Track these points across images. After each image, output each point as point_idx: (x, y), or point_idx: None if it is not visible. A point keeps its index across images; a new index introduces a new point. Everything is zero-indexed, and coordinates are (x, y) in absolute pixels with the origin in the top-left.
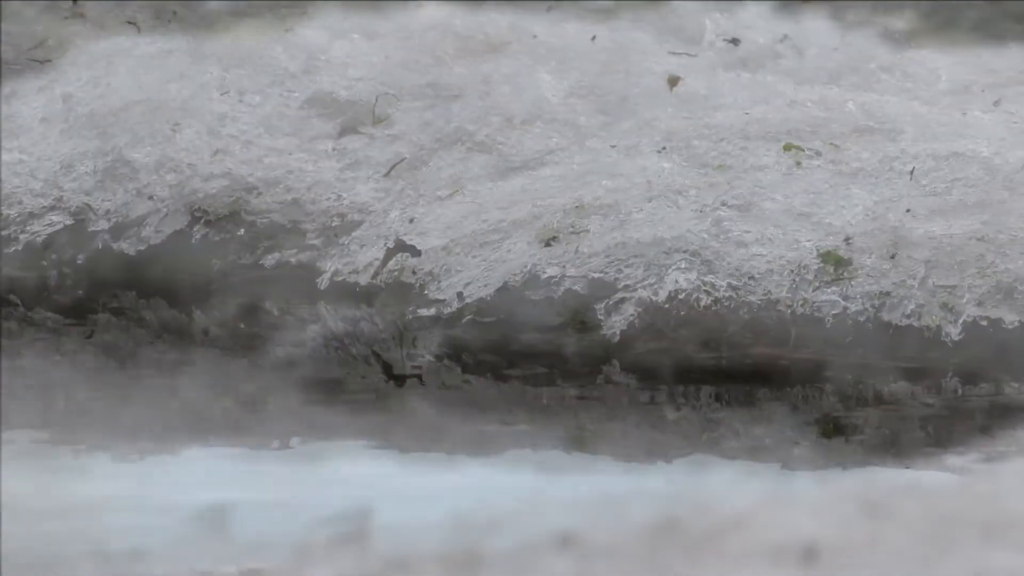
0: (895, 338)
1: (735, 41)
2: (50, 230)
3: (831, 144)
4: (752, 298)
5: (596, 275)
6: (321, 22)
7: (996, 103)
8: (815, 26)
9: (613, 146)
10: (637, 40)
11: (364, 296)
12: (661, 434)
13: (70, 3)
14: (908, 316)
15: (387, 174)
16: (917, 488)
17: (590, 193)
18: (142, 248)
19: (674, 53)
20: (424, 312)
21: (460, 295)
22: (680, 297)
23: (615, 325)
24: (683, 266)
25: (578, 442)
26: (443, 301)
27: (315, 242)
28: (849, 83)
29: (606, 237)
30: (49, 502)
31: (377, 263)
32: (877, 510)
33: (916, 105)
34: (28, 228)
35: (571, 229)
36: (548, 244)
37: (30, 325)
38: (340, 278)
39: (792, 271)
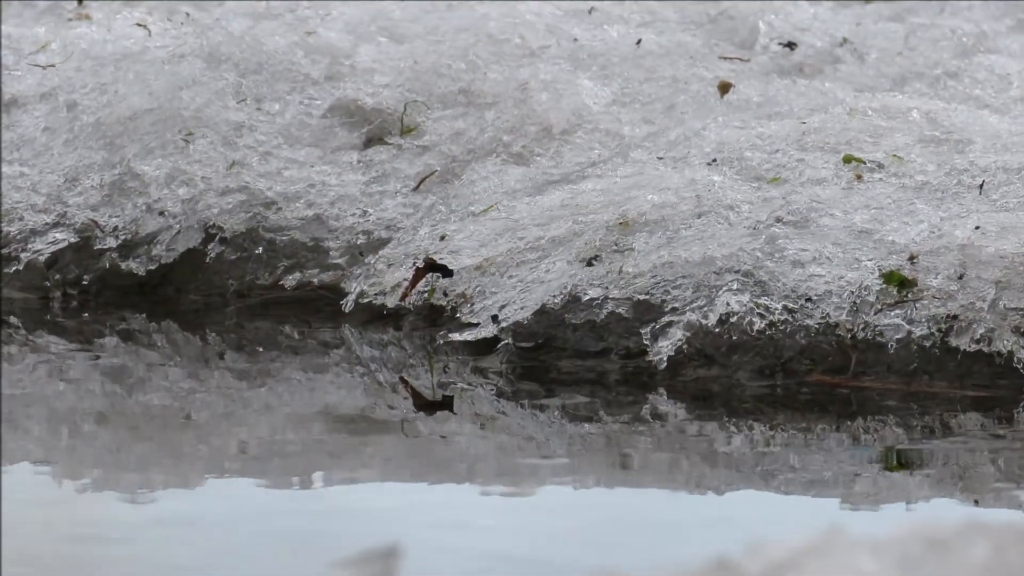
0: (963, 364)
1: (791, 45)
2: (53, 248)
3: (894, 156)
4: (809, 321)
5: (641, 297)
6: (345, 24)
7: None
8: (877, 29)
9: (660, 158)
10: (685, 44)
11: (392, 319)
12: (711, 467)
13: (75, 4)
14: (977, 341)
15: (416, 188)
16: (987, 526)
17: (635, 208)
18: (152, 267)
19: (725, 58)
20: (456, 336)
21: (495, 318)
22: (732, 320)
23: (662, 351)
24: (735, 287)
25: (622, 476)
26: (476, 325)
27: (339, 261)
28: (913, 90)
29: (652, 256)
30: (52, 541)
31: (406, 284)
32: (944, 549)
33: (986, 114)
34: (30, 246)
35: (614, 247)
36: (590, 263)
37: (32, 350)
38: (366, 300)
39: (852, 292)
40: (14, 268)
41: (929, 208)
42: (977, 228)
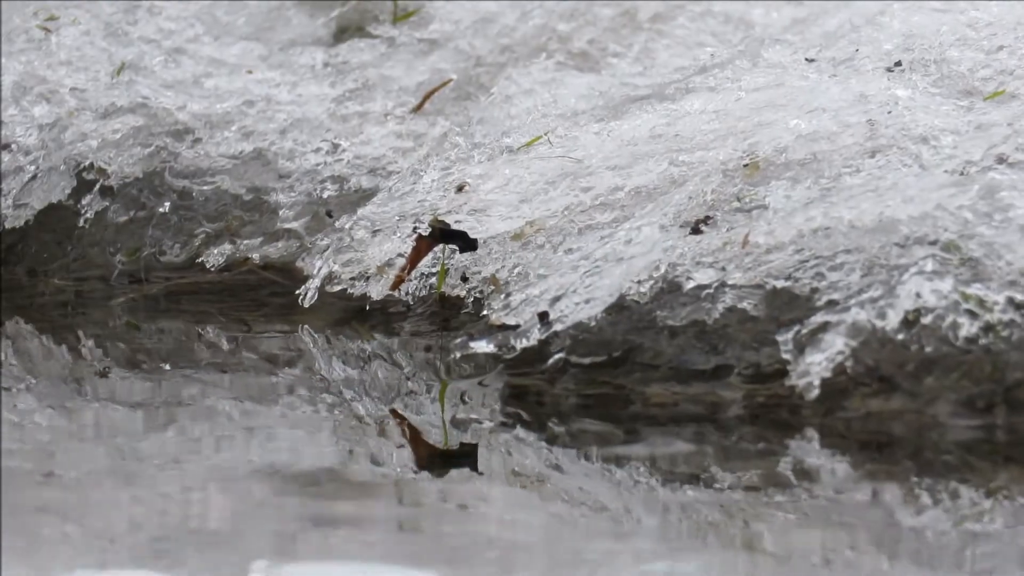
0: None
1: None
2: None
3: None
4: None
5: (780, 283)
6: None
7: None
8: None
9: (810, 59)
10: None
11: (379, 318)
12: (891, 559)
13: None
14: None
15: (418, 108)
16: None
17: (770, 141)
18: None
19: None
20: (482, 347)
21: (544, 317)
22: (924, 322)
23: (812, 370)
24: (930, 269)
25: (749, 572)
26: (515, 327)
27: (294, 226)
28: None
29: (797, 218)
30: None
31: (401, 262)
32: None
33: None
34: None
35: (736, 204)
36: (697, 230)
37: None
38: (337, 288)
39: None
40: None
41: None
42: None
